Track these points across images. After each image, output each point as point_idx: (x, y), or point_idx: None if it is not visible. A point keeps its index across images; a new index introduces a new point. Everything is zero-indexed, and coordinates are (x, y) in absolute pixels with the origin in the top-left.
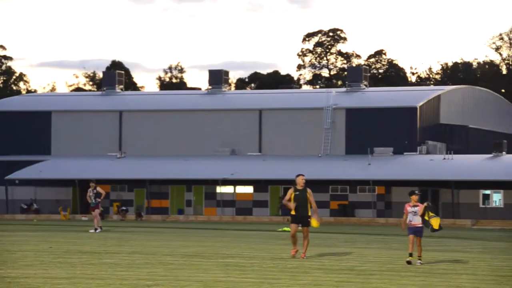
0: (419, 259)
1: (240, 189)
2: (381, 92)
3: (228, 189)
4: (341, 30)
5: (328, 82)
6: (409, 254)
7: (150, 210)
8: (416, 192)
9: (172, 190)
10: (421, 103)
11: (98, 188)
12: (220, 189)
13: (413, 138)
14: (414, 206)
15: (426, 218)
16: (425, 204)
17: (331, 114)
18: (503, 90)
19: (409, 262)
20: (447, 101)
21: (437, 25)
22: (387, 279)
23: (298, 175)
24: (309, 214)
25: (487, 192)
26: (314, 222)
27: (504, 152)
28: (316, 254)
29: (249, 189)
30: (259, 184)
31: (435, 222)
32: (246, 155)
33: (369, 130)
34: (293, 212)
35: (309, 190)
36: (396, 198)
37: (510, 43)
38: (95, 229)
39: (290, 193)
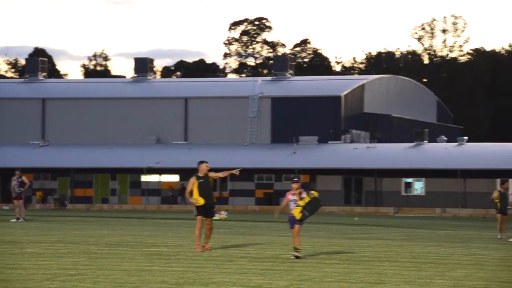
0: (298, 250)
1: (166, 177)
2: (306, 81)
3: (153, 177)
4: (267, 19)
5: (254, 71)
6: (294, 248)
7: (74, 199)
8: (296, 179)
9: (96, 178)
10: (345, 92)
11: (24, 178)
12: (145, 178)
13: (338, 127)
14: (294, 194)
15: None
16: (311, 196)
17: (257, 103)
18: (425, 80)
19: (297, 257)
20: (370, 90)
21: (361, 15)
22: (311, 267)
23: (202, 162)
24: (215, 201)
25: (409, 180)
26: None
27: (426, 141)
28: (241, 242)
29: (174, 177)
30: (185, 173)
31: (296, 212)
32: (171, 144)
33: (294, 119)
34: (201, 202)
35: (211, 174)
36: (321, 186)
37: (432, 33)
38: (17, 219)
39: (193, 182)
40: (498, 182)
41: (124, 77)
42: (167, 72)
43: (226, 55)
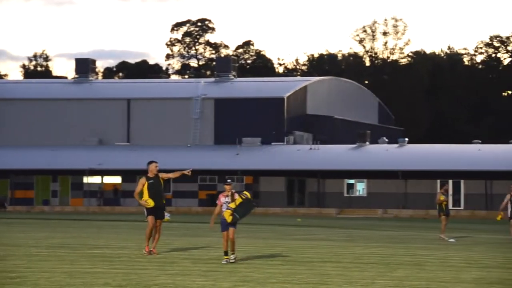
0: (233, 253)
1: (108, 179)
2: (249, 83)
3: (96, 179)
4: (209, 20)
5: (197, 72)
6: (224, 252)
7: (14, 201)
8: (229, 181)
9: (37, 180)
10: (288, 94)
11: None
12: (87, 179)
13: (281, 129)
14: (227, 196)
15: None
16: (243, 196)
17: (200, 104)
18: (366, 82)
19: (229, 262)
20: (313, 92)
21: (303, 17)
22: (254, 268)
23: (151, 162)
24: (164, 202)
25: (352, 181)
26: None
27: (367, 142)
28: (185, 244)
29: (117, 179)
30: (127, 174)
31: (226, 214)
32: (114, 145)
33: (237, 120)
34: (151, 205)
35: (161, 174)
36: (264, 187)
37: (373, 36)
38: None
39: (142, 183)
40: (438, 183)
41: (65, 78)
42: (109, 73)
43: (168, 56)
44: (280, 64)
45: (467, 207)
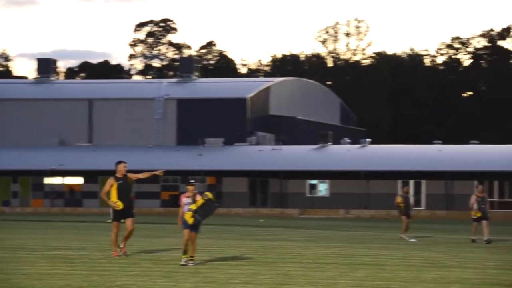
0: (192, 259)
1: (70, 180)
2: (212, 83)
3: (57, 180)
4: (172, 21)
5: (160, 73)
6: (183, 252)
7: None
8: (192, 181)
9: None
10: (251, 95)
11: None
12: (48, 180)
13: (243, 129)
14: (189, 197)
15: (194, 207)
16: (205, 197)
17: (162, 105)
18: (329, 82)
19: (185, 264)
20: (276, 92)
21: (266, 18)
22: (216, 269)
23: (120, 162)
24: (132, 203)
25: (314, 182)
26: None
27: (330, 143)
28: (146, 245)
29: (79, 180)
30: (89, 175)
31: (188, 216)
32: (75, 146)
33: (200, 121)
34: (121, 206)
35: (130, 175)
36: (226, 188)
37: (335, 37)
38: None
39: (111, 183)
40: (399, 184)
41: (26, 78)
42: (70, 73)
43: (131, 57)
44: (243, 65)
45: (428, 207)
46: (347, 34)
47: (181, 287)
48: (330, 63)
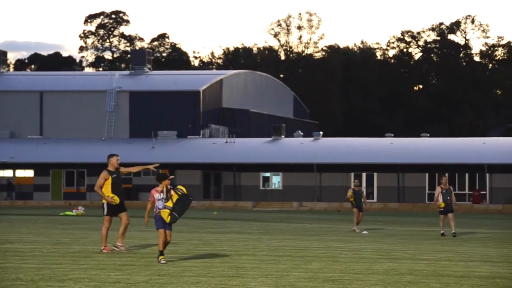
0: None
1: (20, 172)
2: (164, 76)
3: (7, 173)
4: (124, 13)
5: (111, 65)
6: (160, 252)
7: None
8: (171, 176)
9: None
10: (204, 87)
11: None
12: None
13: (197, 122)
14: (161, 192)
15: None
16: (179, 192)
17: (114, 97)
18: (282, 75)
19: (162, 261)
20: (229, 85)
21: (218, 10)
22: (170, 261)
23: (112, 155)
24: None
25: (267, 174)
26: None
27: (283, 136)
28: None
29: (29, 172)
30: (40, 168)
31: (165, 215)
32: (26, 138)
33: (153, 114)
34: (117, 201)
35: (122, 169)
36: (180, 181)
37: (288, 30)
38: None
39: (105, 177)
40: (352, 176)
41: None
42: (21, 65)
43: (82, 49)
44: (196, 58)
45: (380, 200)
46: (299, 27)
47: (135, 280)
48: (282, 56)
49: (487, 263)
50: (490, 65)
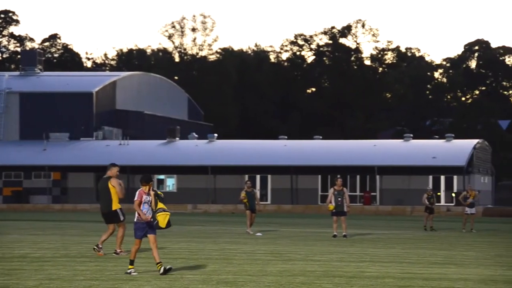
0: (161, 264)
1: None
2: (56, 77)
3: None
4: (13, 12)
5: (1, 66)
6: (130, 261)
7: None
8: (163, 177)
9: None
10: (97, 89)
11: None
12: None
13: (90, 124)
14: (148, 194)
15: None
16: (153, 192)
17: (4, 98)
18: (176, 77)
19: (135, 272)
20: (122, 87)
21: (112, 11)
22: (61, 265)
23: (115, 165)
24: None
25: (162, 177)
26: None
27: (177, 138)
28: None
29: None
30: None
31: (162, 218)
32: None
33: (44, 115)
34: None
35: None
36: (72, 183)
37: (182, 32)
38: None
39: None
40: (246, 178)
41: None
42: None
43: None
44: (89, 59)
45: (274, 201)
46: (194, 29)
47: (24, 285)
48: (177, 58)
49: (377, 263)
50: (380, 68)
